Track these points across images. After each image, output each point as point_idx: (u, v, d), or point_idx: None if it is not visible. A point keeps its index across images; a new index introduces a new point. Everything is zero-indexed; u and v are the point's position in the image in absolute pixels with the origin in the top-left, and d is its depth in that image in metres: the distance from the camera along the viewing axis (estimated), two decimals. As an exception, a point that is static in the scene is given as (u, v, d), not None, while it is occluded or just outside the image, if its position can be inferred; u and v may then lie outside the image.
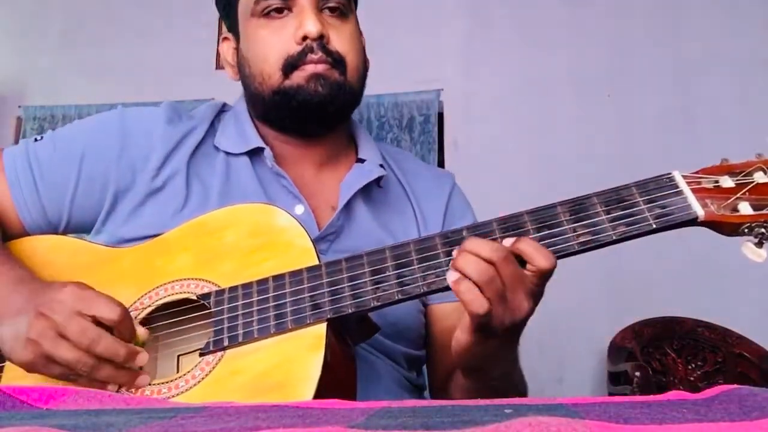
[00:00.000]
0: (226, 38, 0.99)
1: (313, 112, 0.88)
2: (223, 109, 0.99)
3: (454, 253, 0.67)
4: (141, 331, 0.72)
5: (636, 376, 2.23)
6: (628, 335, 2.52)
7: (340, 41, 0.89)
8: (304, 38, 0.86)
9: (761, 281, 2.62)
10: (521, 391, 0.81)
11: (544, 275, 0.65)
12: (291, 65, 0.87)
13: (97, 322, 0.68)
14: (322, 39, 0.86)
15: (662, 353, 2.52)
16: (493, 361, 0.72)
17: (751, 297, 2.65)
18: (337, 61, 0.87)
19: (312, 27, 0.86)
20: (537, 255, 0.64)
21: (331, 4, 0.89)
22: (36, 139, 0.91)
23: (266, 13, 0.89)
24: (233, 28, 0.96)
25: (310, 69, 0.86)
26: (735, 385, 0.44)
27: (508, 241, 0.66)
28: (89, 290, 0.71)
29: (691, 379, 2.47)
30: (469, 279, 0.63)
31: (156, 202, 0.87)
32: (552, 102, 2.99)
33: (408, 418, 0.37)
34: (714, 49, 2.92)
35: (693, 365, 2.50)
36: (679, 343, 2.54)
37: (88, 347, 0.67)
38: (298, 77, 0.86)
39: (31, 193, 0.87)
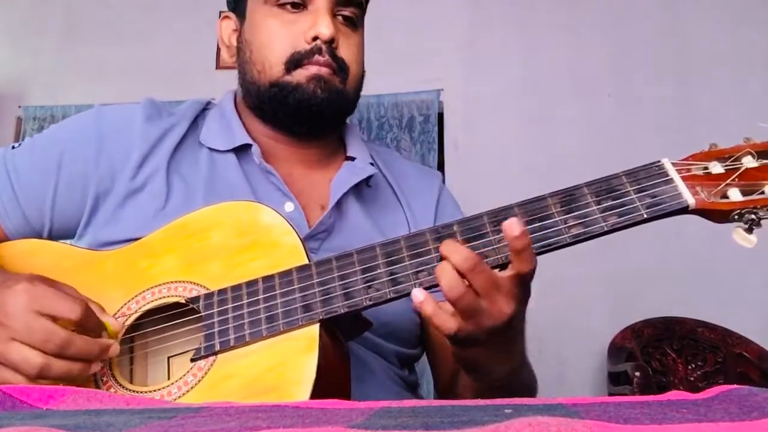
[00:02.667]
0: (227, 17, 0.97)
1: (308, 113, 0.87)
2: (207, 107, 0.98)
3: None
4: (112, 322, 0.69)
5: (636, 376, 2.24)
6: (628, 335, 2.52)
7: (347, 50, 0.88)
8: (315, 38, 0.85)
9: (761, 281, 2.62)
10: (530, 388, 0.79)
11: (525, 278, 0.64)
12: (296, 61, 0.86)
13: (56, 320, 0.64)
14: (331, 43, 0.86)
15: (662, 353, 2.52)
16: (487, 362, 0.70)
17: (751, 297, 2.65)
18: (341, 68, 0.87)
19: (325, 29, 0.85)
20: (520, 259, 0.63)
21: (345, 13, 0.89)
22: (14, 146, 0.90)
23: (281, 4, 0.88)
24: (238, 9, 0.94)
25: (313, 69, 0.85)
26: (735, 385, 0.44)
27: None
28: (45, 288, 0.66)
29: (691, 379, 2.47)
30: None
31: (136, 203, 0.85)
32: (552, 102, 2.99)
33: (408, 418, 0.37)
34: (714, 48, 2.92)
35: (693, 365, 2.50)
36: (679, 343, 2.54)
37: (59, 352, 0.63)
38: (300, 75, 0.85)
39: (10, 199, 0.86)
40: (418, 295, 0.64)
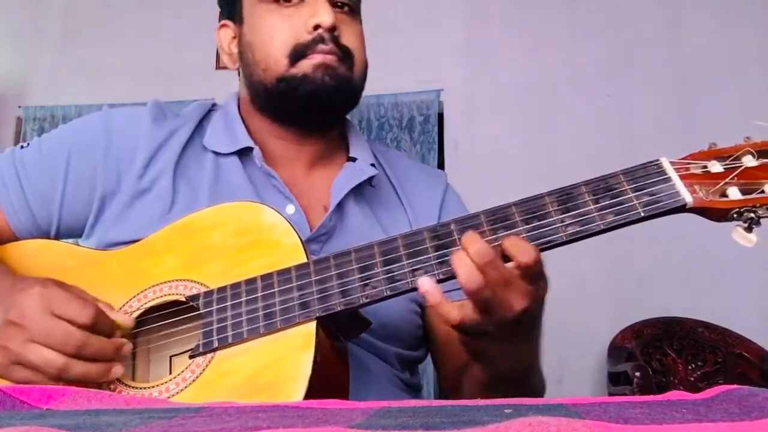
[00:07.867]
0: (224, 25, 0.97)
1: (318, 102, 0.86)
2: (212, 108, 0.98)
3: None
4: (122, 319, 0.71)
5: (636, 376, 2.24)
6: (628, 335, 2.53)
7: (350, 37, 0.88)
8: (316, 27, 0.85)
9: (761, 281, 2.62)
10: (535, 392, 0.78)
11: (529, 271, 0.63)
12: (299, 53, 0.85)
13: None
14: (334, 31, 0.86)
15: (662, 353, 2.52)
16: (494, 353, 0.70)
17: (751, 297, 2.65)
18: (345, 54, 0.87)
19: (326, 17, 0.84)
20: (516, 251, 0.63)
21: (344, 0, 0.89)
22: (22, 146, 0.90)
23: (277, 0, 0.88)
24: (234, 15, 0.94)
25: (318, 58, 0.85)
26: (735, 385, 0.44)
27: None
28: (59, 291, 0.68)
29: (691, 379, 2.47)
30: (458, 280, 0.63)
31: (142, 204, 0.86)
32: (552, 102, 2.99)
33: (408, 418, 0.37)
34: (714, 48, 2.92)
35: (693, 365, 2.50)
36: (679, 343, 2.54)
37: (77, 352, 0.65)
38: (306, 65, 0.85)
39: (19, 198, 0.86)
40: (425, 283, 0.63)
